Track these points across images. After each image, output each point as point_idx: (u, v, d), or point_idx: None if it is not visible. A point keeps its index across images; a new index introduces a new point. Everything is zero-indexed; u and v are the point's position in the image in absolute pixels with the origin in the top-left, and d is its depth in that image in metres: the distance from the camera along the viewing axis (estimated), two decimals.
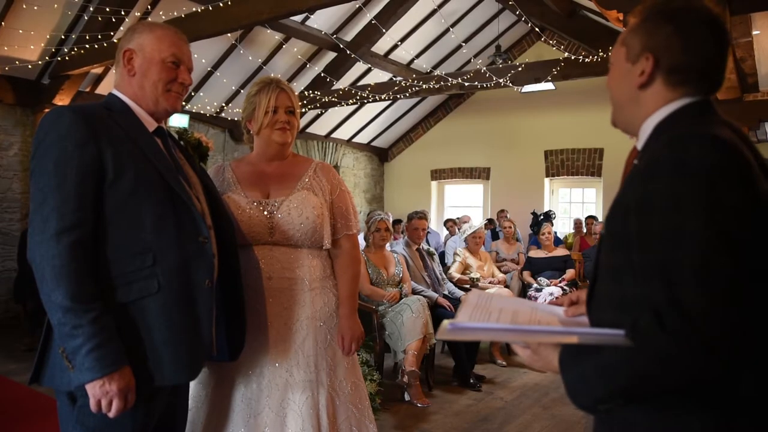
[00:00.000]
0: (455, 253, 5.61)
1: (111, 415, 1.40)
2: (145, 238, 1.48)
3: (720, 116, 1.06)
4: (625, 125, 1.16)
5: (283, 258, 1.94)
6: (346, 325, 1.98)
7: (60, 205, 1.39)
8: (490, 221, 8.82)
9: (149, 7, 6.03)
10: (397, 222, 8.66)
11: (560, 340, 1.03)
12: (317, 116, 9.52)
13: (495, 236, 7.93)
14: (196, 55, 6.97)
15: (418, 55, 8.88)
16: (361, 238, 6.54)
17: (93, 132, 1.45)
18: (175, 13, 5.36)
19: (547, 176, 9.96)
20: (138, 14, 6.03)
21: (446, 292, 4.88)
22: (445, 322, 1.06)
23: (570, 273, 5.85)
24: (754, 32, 3.90)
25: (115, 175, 1.45)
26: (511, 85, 7.21)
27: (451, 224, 8.81)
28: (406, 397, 4.08)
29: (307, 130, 9.70)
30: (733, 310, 0.87)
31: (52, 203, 1.39)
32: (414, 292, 4.56)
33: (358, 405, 2.00)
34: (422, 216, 4.99)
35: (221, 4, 4.95)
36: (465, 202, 11.20)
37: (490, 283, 5.31)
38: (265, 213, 1.93)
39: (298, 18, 7.05)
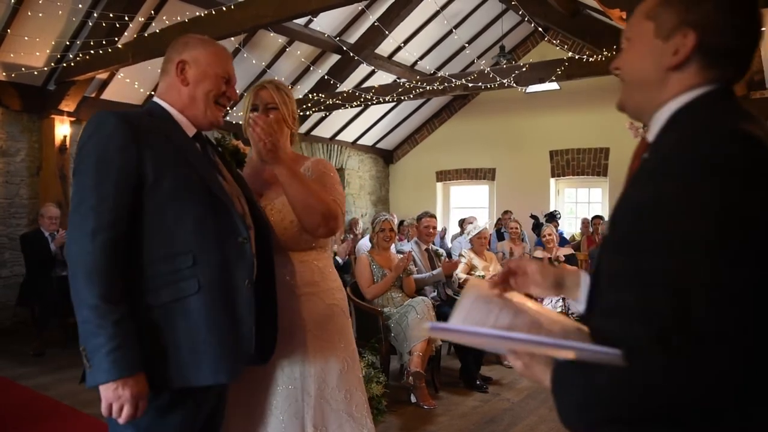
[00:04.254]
0: (460, 254, 5.61)
1: (121, 421, 1.40)
2: (186, 239, 1.51)
3: (742, 107, 0.95)
4: (636, 110, 1.04)
5: None
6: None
7: (97, 204, 1.42)
8: (500, 220, 8.81)
9: (153, 12, 6.06)
10: (400, 223, 8.67)
11: (551, 353, 0.92)
12: (322, 119, 9.54)
13: (500, 237, 7.92)
14: None
15: (421, 57, 8.88)
16: (366, 239, 6.53)
17: (134, 136, 1.48)
18: (179, 18, 5.39)
19: (553, 176, 9.93)
20: (142, 19, 6.06)
21: (451, 293, 4.88)
22: (427, 324, 1.02)
23: None
24: (762, 28, 3.87)
25: (155, 178, 1.48)
26: (515, 85, 7.19)
27: (466, 224, 8.83)
28: (412, 398, 4.07)
29: (312, 133, 9.72)
30: (748, 329, 0.77)
31: (90, 202, 1.42)
32: (422, 283, 4.59)
33: (353, 413, 1.93)
34: (432, 215, 5.08)
35: (224, 8, 4.97)
36: (470, 203, 11.18)
37: None
38: None
39: (302, 21, 7.08)
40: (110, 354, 1.36)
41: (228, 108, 1.72)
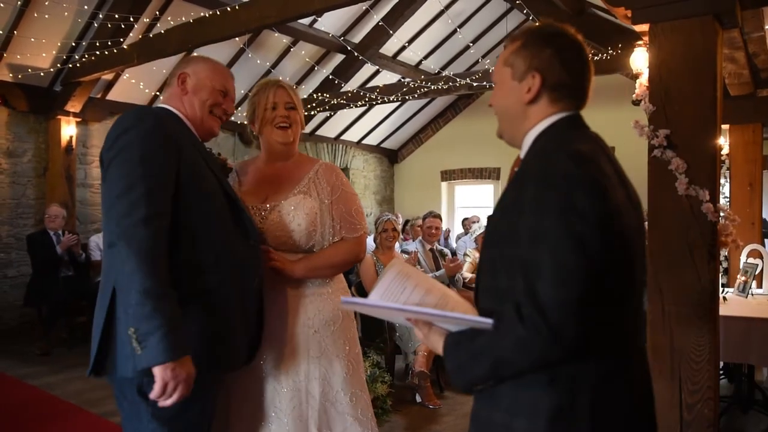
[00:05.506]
0: (465, 254, 5.60)
1: (173, 400, 1.45)
2: (210, 236, 1.59)
3: (588, 130, 1.22)
4: (510, 138, 1.28)
5: None
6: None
7: (148, 193, 1.46)
8: None
9: (158, 13, 6.07)
10: (405, 223, 8.67)
11: (435, 321, 1.17)
12: (326, 119, 9.54)
13: None
14: None
15: (426, 56, 8.87)
16: (370, 240, 6.56)
17: (172, 134, 1.59)
18: (183, 18, 5.39)
19: None
20: (147, 20, 6.08)
21: (455, 292, 4.87)
22: (342, 298, 1.27)
23: None
24: (767, 26, 3.85)
25: (186, 175, 1.56)
26: None
27: (468, 223, 8.83)
28: (417, 398, 4.07)
29: (317, 133, 9.72)
30: (579, 304, 1.00)
31: (141, 190, 1.46)
32: None
33: (358, 416, 1.92)
34: (436, 215, 5.09)
35: (229, 9, 4.98)
36: (475, 202, 11.16)
37: None
38: (257, 218, 1.88)
39: (306, 21, 7.08)
40: (167, 336, 1.40)
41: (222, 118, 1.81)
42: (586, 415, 1.06)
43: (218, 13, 5.01)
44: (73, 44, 6.07)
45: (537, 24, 1.26)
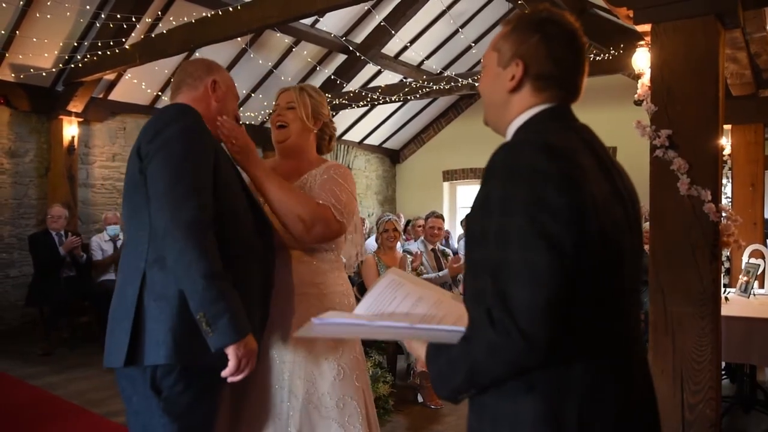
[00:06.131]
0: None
1: (241, 376, 1.53)
2: (236, 230, 1.64)
3: (573, 122, 1.14)
4: (495, 126, 1.22)
5: None
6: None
7: (197, 185, 1.52)
8: None
9: (160, 13, 6.08)
10: (407, 223, 8.68)
11: (407, 335, 1.12)
12: None
13: None
14: None
15: (428, 56, 8.87)
16: (372, 239, 6.56)
17: (208, 130, 1.67)
18: (185, 19, 5.40)
19: None
20: (149, 20, 6.09)
21: (458, 292, 4.87)
22: (313, 320, 1.14)
23: None
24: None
25: (218, 170, 1.62)
26: None
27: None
28: (419, 398, 4.07)
29: None
30: (552, 307, 0.93)
31: (191, 182, 1.51)
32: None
33: (345, 424, 1.85)
34: (438, 215, 5.09)
35: (231, 9, 4.98)
36: None
37: None
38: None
39: (308, 21, 7.08)
40: (236, 317, 1.47)
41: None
42: (573, 425, 0.99)
43: (220, 13, 5.02)
44: (75, 44, 6.08)
45: (530, 9, 1.18)
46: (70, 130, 6.75)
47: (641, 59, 3.42)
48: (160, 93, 7.27)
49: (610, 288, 1.03)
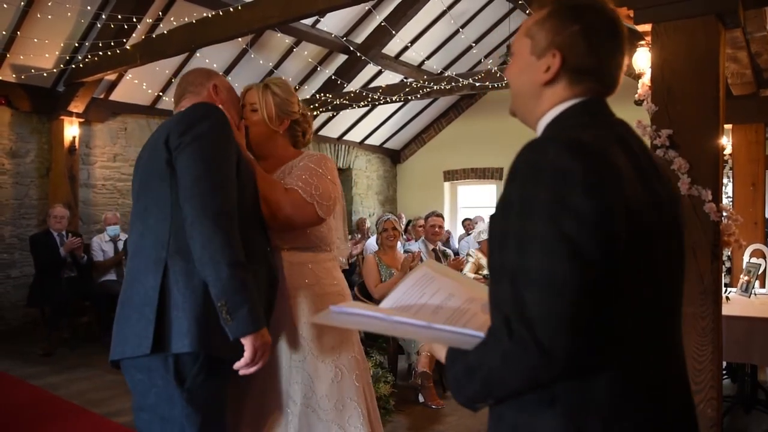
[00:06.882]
0: (468, 254, 5.60)
1: (257, 368, 1.56)
2: (248, 223, 1.67)
3: (608, 117, 1.05)
4: (523, 118, 1.13)
5: None
6: None
7: (226, 178, 1.59)
8: None
9: (161, 13, 6.08)
10: (408, 223, 8.68)
11: (424, 337, 1.05)
12: (329, 119, 9.55)
13: None
14: (207, 60, 6.94)
15: (428, 57, 8.87)
16: (373, 239, 6.54)
17: (232, 130, 1.72)
18: (186, 19, 5.40)
19: None
20: (150, 20, 6.09)
21: None
22: (331, 307, 1.09)
23: None
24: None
25: (239, 166, 1.68)
26: None
27: (468, 223, 8.83)
28: (420, 398, 4.06)
29: (320, 133, 9.73)
30: (573, 317, 0.86)
31: (221, 175, 1.57)
32: None
33: (346, 425, 1.84)
34: (438, 214, 5.10)
35: (231, 9, 4.98)
36: (478, 202, 11.15)
37: None
38: None
39: (309, 21, 7.08)
40: (254, 308, 1.51)
41: None
42: None
43: (221, 13, 5.02)
44: (76, 45, 6.09)
45: None
46: (71, 130, 6.76)
47: (642, 59, 3.42)
48: (161, 93, 7.28)
49: (641, 298, 0.95)
